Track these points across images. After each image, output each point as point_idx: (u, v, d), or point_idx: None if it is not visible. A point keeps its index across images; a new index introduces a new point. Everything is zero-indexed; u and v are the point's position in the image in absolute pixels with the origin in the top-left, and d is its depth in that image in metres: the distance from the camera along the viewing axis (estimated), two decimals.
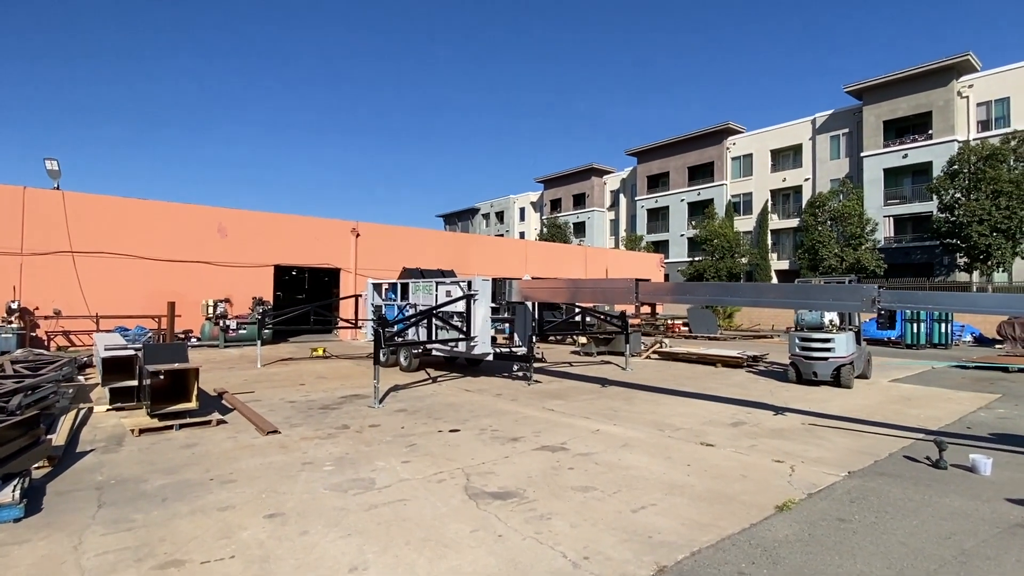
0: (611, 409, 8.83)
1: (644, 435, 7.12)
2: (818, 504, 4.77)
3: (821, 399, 9.77)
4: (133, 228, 18.45)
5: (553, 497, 4.86)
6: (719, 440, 6.89)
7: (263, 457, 6.07)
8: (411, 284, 13.70)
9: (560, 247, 36.29)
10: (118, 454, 6.19)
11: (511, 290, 11.73)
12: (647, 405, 9.19)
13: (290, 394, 10.09)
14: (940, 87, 34.90)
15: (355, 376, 12.46)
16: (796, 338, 11.29)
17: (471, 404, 9.20)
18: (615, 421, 7.95)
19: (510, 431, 7.31)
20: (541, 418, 8.13)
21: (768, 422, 7.95)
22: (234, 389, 10.39)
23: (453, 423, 7.78)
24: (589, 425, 7.68)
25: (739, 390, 10.73)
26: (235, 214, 20.75)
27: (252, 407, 8.71)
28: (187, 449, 6.39)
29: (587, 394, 10.26)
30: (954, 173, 29.81)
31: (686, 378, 12.36)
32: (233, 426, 7.55)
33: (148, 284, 18.48)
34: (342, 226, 23.20)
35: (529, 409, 8.82)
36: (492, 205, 75.08)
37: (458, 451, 6.33)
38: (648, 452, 6.33)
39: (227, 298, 19.79)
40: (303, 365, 14.46)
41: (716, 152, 47.24)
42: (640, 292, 8.88)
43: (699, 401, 9.58)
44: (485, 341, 11.58)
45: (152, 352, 8.11)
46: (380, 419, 8.03)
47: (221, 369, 13.48)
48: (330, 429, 7.39)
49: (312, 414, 8.35)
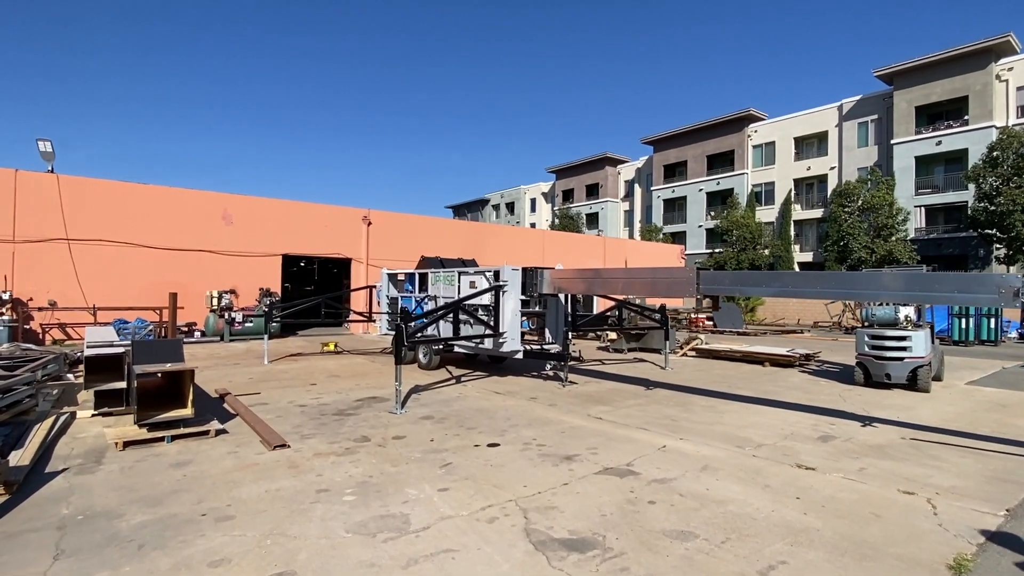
0: (668, 418, 7.67)
1: (723, 454, 5.96)
2: (1002, 562, 3.60)
3: (903, 405, 8.56)
4: (133, 214, 17.42)
5: (644, 548, 3.72)
6: (815, 460, 5.72)
7: (269, 481, 4.97)
8: (430, 274, 12.56)
9: (578, 237, 35.03)
10: (94, 476, 5.11)
11: (543, 281, 10.57)
12: (707, 413, 8.02)
13: (300, 396, 9.00)
14: (977, 70, 33.16)
15: (371, 374, 11.37)
16: (865, 335, 10.06)
17: (505, 410, 8.07)
18: (679, 434, 6.79)
19: (560, 446, 6.17)
20: (591, 429, 6.98)
21: (860, 435, 6.77)
22: (238, 389, 9.32)
23: (490, 434, 6.66)
24: (650, 439, 6.52)
25: (803, 394, 9.53)
26: (241, 200, 19.68)
27: (257, 412, 7.63)
28: (178, 469, 5.30)
29: (633, 398, 9.10)
30: (994, 160, 28.21)
31: (737, 379, 11.17)
32: (235, 437, 6.46)
33: (149, 274, 17.47)
34: (353, 214, 22.08)
35: (572, 417, 7.68)
36: (502, 196, 73.74)
37: (504, 474, 5.21)
38: (737, 478, 5.17)
39: (232, 289, 18.77)
40: (313, 361, 13.39)
41: (737, 140, 45.62)
42: (701, 282, 7.68)
43: (765, 408, 8.39)
44: (515, 337, 10.44)
45: (142, 350, 7.02)
46: (404, 428, 6.92)
47: (225, 365, 12.43)
48: (348, 441, 6.29)
49: (326, 422, 7.26)
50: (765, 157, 44.42)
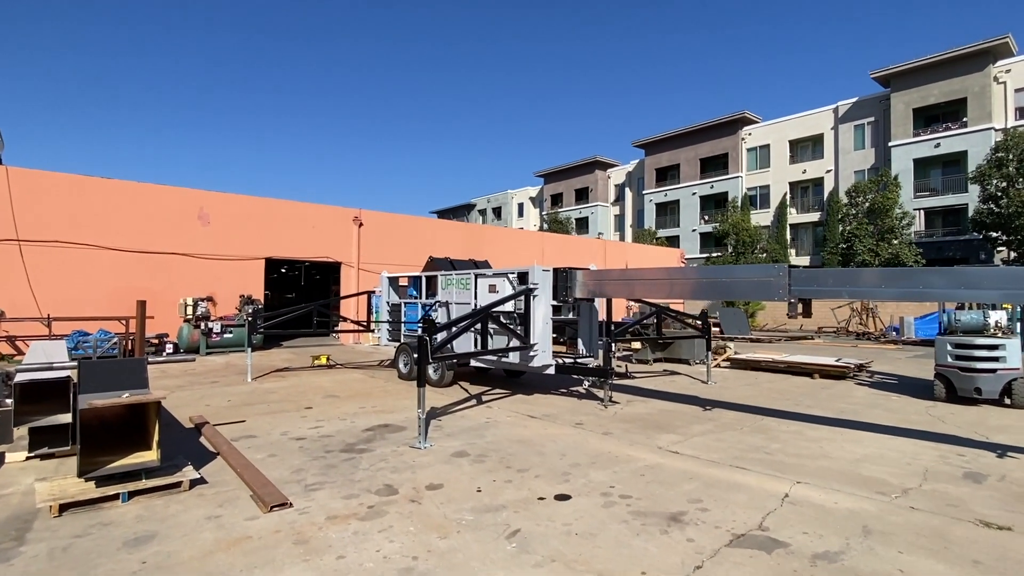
0: (756, 449, 6.26)
1: (870, 506, 4.55)
2: None
3: (1018, 427, 7.30)
4: (97, 212, 15.53)
5: None
6: (995, 513, 4.34)
7: (270, 570, 3.41)
8: (441, 277, 11.02)
9: (578, 239, 33.72)
10: (9, 566, 3.49)
11: (576, 283, 9.12)
12: (797, 441, 6.63)
13: (295, 424, 7.39)
14: (976, 72, 32.83)
15: (374, 394, 9.78)
16: (949, 344, 8.81)
17: (553, 441, 6.57)
18: (788, 473, 5.37)
19: (651, 498, 4.70)
20: (675, 469, 5.53)
21: (1014, 471, 5.43)
22: (218, 416, 7.67)
23: (549, 479, 5.17)
24: (760, 483, 5.09)
25: (886, 414, 8.22)
26: (219, 198, 17.88)
27: (245, 449, 6.02)
28: (135, 550, 3.70)
29: (696, 422, 7.68)
30: (1000, 161, 27.70)
31: (796, 394, 9.85)
32: (216, 490, 4.86)
33: (114, 280, 15.59)
34: (343, 214, 20.40)
35: (640, 450, 6.22)
36: (489, 200, 72.27)
37: (602, 551, 3.72)
38: (921, 547, 3.76)
39: (210, 296, 16.94)
40: (305, 378, 11.72)
41: (731, 143, 44.90)
42: (793, 282, 6.30)
43: (860, 433, 7.04)
44: (546, 350, 8.96)
45: (92, 373, 5.38)
46: (437, 471, 5.38)
47: (202, 384, 10.71)
48: (368, 494, 4.73)
49: (333, 462, 5.68)
50: (759, 160, 43.76)
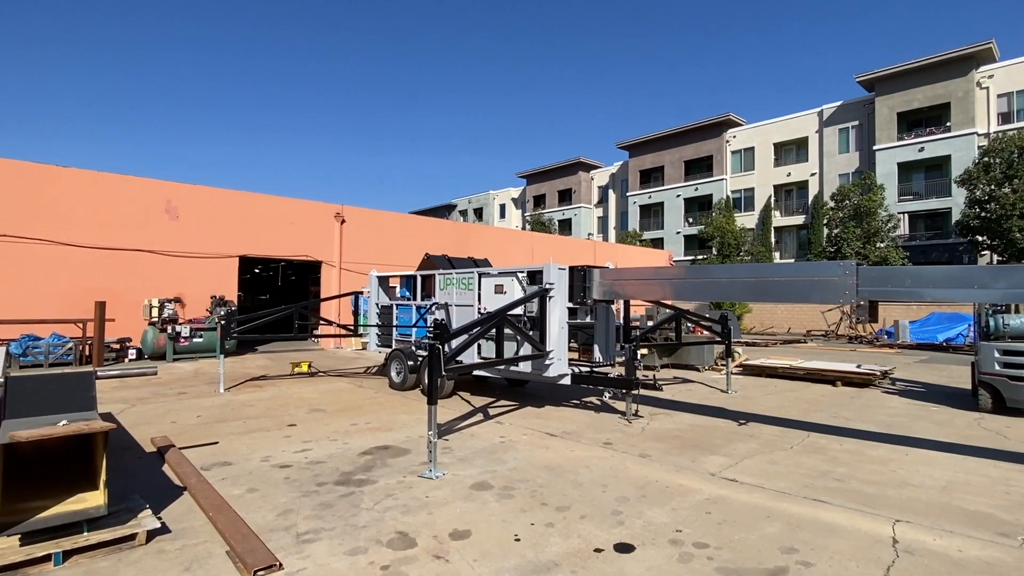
0: (820, 473, 5.42)
1: (1004, 555, 3.71)
2: None
3: None
4: (50, 204, 14.07)
5: None
6: None
7: None
8: (438, 276, 9.99)
9: (568, 240, 32.95)
10: None
11: (593, 284, 8.22)
12: (863, 464, 5.81)
13: (278, 446, 6.31)
14: (959, 77, 33.09)
15: (365, 407, 8.70)
16: (996, 350, 8.15)
17: (586, 467, 5.63)
18: (876, 506, 4.53)
19: (734, 548, 3.79)
20: (741, 503, 4.64)
21: None
22: (186, 437, 6.53)
23: (598, 521, 4.23)
24: (855, 523, 4.22)
25: (936, 427, 7.50)
26: (189, 190, 16.51)
27: (219, 482, 4.94)
28: None
29: (737, 440, 6.83)
30: (987, 165, 27.82)
31: (828, 404, 9.10)
32: (182, 544, 3.79)
33: (70, 278, 14.14)
34: (324, 210, 19.15)
35: (688, 477, 5.33)
36: (470, 201, 71.12)
37: None
38: None
39: (177, 297, 15.57)
40: (285, 388, 10.57)
41: (715, 145, 44.72)
42: (861, 283, 5.49)
43: (928, 452, 6.27)
44: (562, 358, 8.02)
45: (22, 392, 4.25)
46: (458, 510, 4.40)
47: (167, 396, 9.49)
48: (379, 548, 3.72)
49: (329, 499, 4.64)
50: (744, 163, 43.64)
